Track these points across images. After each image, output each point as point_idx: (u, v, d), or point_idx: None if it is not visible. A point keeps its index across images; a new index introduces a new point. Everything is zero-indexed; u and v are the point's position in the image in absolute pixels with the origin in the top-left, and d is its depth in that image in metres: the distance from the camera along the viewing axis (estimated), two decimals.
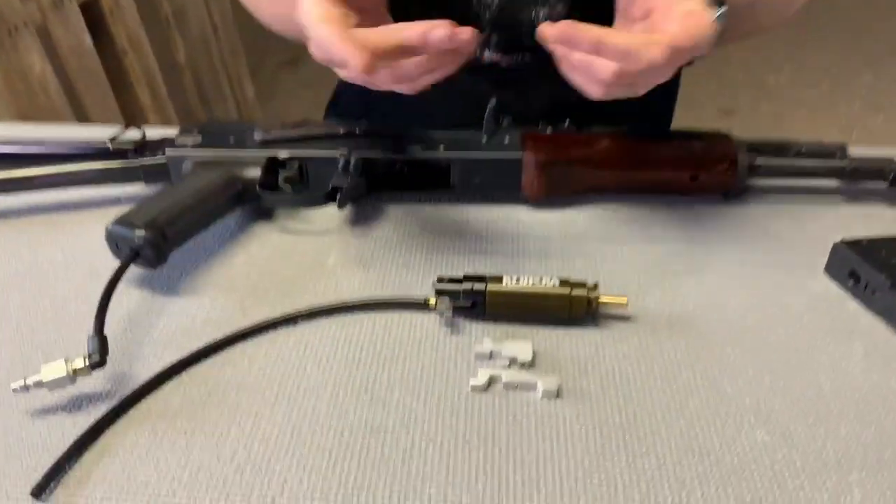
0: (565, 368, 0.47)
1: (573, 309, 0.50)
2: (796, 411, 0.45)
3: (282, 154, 0.60)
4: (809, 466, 0.42)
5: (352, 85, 0.51)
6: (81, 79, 1.50)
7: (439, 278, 0.51)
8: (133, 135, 0.62)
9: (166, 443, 0.43)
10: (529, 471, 0.41)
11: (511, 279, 0.50)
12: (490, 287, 0.50)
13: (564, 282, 0.50)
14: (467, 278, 0.50)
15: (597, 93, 0.49)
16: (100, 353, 0.44)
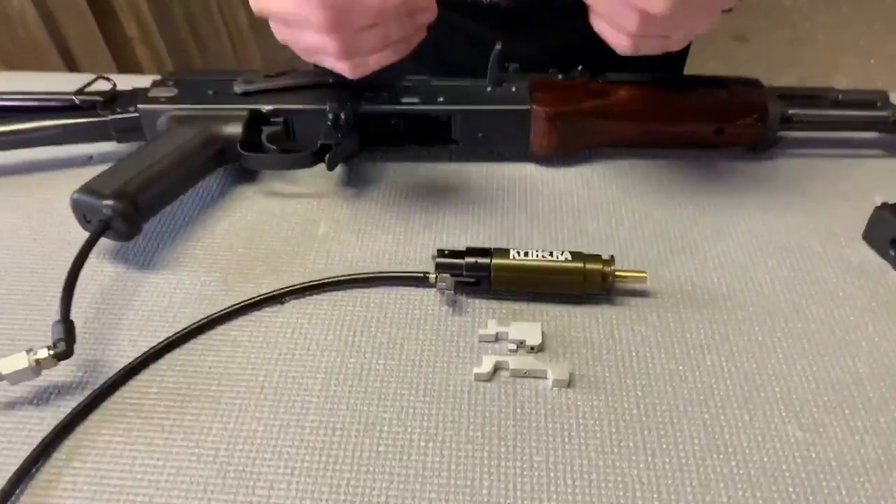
0: (578, 353, 0.43)
1: (587, 285, 0.45)
2: (832, 401, 0.41)
3: (265, 108, 0.55)
4: (846, 467, 0.38)
5: None
6: (61, 9, 1.42)
7: (439, 251, 0.46)
8: (102, 86, 0.56)
9: (142, 442, 0.39)
10: (539, 473, 0.38)
11: (518, 252, 0.45)
12: (495, 261, 0.45)
13: (577, 255, 0.45)
14: (470, 251, 0.46)
15: (625, 46, 0.45)
16: (66, 343, 0.40)
